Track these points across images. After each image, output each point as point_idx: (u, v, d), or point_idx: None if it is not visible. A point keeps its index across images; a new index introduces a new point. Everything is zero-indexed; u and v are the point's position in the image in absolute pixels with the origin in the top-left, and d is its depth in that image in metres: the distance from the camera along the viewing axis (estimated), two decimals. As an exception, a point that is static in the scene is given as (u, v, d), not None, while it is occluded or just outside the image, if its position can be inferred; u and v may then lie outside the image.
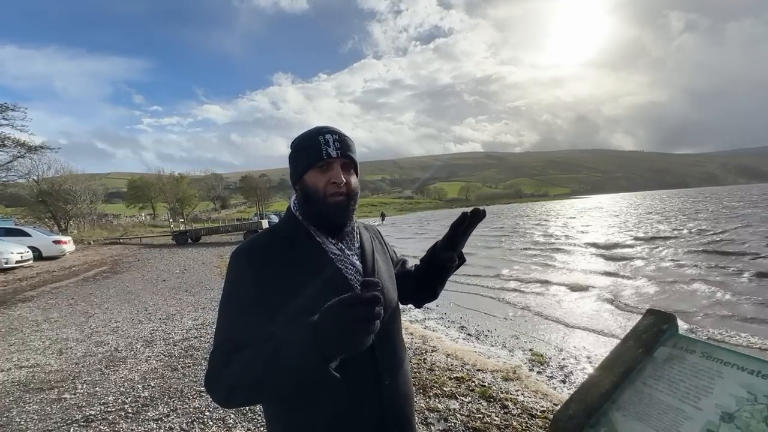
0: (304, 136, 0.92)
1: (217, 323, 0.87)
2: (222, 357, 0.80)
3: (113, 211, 63.17)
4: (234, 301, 0.85)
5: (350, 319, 0.64)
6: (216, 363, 0.80)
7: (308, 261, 0.88)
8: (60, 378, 4.16)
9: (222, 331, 0.84)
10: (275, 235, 0.91)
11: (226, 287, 0.88)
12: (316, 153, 0.88)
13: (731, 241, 12.54)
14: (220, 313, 0.87)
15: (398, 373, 0.93)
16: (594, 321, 5.86)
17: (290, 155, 0.94)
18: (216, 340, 0.84)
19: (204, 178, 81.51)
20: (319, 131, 0.90)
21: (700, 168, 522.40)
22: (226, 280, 0.88)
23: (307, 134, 0.92)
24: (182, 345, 5.03)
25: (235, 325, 0.83)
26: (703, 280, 7.80)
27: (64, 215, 30.88)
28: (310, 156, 0.88)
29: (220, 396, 0.78)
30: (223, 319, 0.85)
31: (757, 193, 60.53)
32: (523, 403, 3.08)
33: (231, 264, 0.89)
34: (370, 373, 0.87)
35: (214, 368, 0.80)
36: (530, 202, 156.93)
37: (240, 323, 0.82)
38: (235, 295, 0.85)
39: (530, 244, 16.44)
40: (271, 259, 0.86)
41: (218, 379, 0.78)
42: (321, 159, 0.88)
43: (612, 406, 0.84)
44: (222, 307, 0.87)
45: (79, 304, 8.16)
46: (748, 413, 0.66)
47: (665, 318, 0.93)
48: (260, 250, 0.88)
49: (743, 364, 0.74)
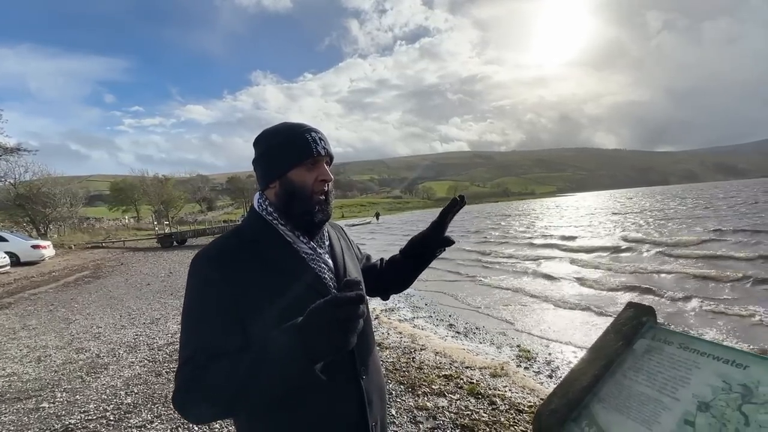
0: (283, 131, 0.89)
1: (183, 336, 0.80)
2: (195, 371, 0.73)
3: (95, 214, 61.62)
4: (202, 309, 0.79)
5: (337, 319, 0.64)
6: (187, 379, 0.73)
7: (280, 262, 0.85)
8: (38, 387, 4.03)
9: (190, 343, 0.78)
10: (242, 237, 0.86)
11: (191, 294, 0.81)
12: (306, 150, 0.85)
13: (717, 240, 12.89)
14: (186, 324, 0.80)
15: (372, 368, 0.94)
16: (579, 315, 5.95)
17: (266, 150, 0.89)
18: (183, 354, 0.77)
19: (189, 179, 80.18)
20: (302, 128, 0.88)
21: (681, 165, 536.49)
22: (190, 286, 0.82)
23: (288, 130, 0.88)
24: (167, 350, 4.92)
25: (204, 334, 0.77)
26: (683, 274, 8.01)
27: (43, 219, 29.96)
28: (299, 153, 0.85)
29: (196, 412, 0.73)
30: (191, 330, 0.79)
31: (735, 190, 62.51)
32: (511, 399, 3.10)
33: (195, 269, 0.82)
34: (350, 370, 0.86)
35: (185, 385, 0.73)
36: (517, 201, 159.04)
37: (211, 332, 0.77)
38: (203, 302, 0.79)
39: (518, 240, 16.64)
40: (240, 263, 0.82)
41: (192, 395, 0.72)
42: (311, 156, 0.86)
43: (593, 399, 0.85)
44: (187, 317, 0.81)
45: (59, 310, 7.92)
46: (724, 402, 0.67)
47: (645, 311, 0.94)
48: (228, 253, 0.83)
49: (719, 354, 0.75)
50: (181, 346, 0.79)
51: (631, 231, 16.32)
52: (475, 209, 67.74)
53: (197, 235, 26.66)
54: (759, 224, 14.35)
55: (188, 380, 0.73)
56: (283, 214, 0.88)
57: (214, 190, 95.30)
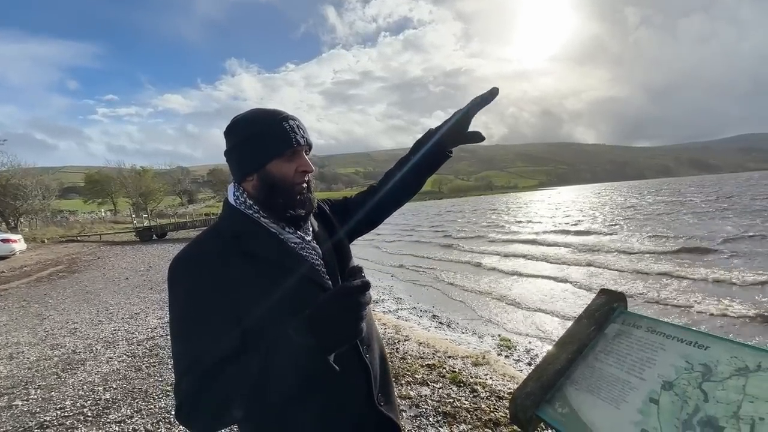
0: (259, 120, 0.82)
1: (177, 348, 0.75)
2: (201, 380, 0.69)
3: (69, 207, 59.46)
4: (196, 316, 0.74)
5: (347, 308, 0.65)
6: (192, 390, 0.69)
7: (271, 256, 0.81)
8: (10, 384, 3.90)
9: (188, 353, 0.73)
10: (223, 236, 0.81)
11: (179, 304, 0.76)
12: (286, 141, 0.81)
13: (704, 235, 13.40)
14: (179, 335, 0.75)
15: (375, 346, 0.93)
16: (556, 304, 6.13)
17: (242, 141, 0.83)
18: (181, 365, 0.72)
19: (169, 171, 78.00)
20: (279, 116, 0.83)
21: (656, 161, 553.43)
22: (176, 296, 0.76)
23: (265, 119, 0.82)
24: (147, 344, 4.83)
25: (203, 342, 0.72)
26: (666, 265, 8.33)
27: (13, 212, 28.74)
28: (278, 144, 0.80)
29: (204, 423, 0.70)
30: (186, 340, 0.74)
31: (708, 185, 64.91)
32: (492, 386, 3.18)
33: (178, 276, 0.77)
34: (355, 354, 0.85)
35: (191, 397, 0.69)
36: (501, 194, 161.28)
37: (210, 338, 0.73)
38: (196, 309, 0.74)
39: (503, 234, 16.93)
40: (228, 263, 0.77)
41: (202, 406, 0.68)
42: (291, 147, 0.81)
43: (566, 382, 0.88)
44: (180, 327, 0.75)
45: (31, 305, 7.65)
46: (686, 381, 0.71)
47: (616, 297, 0.98)
48: (212, 254, 0.78)
49: (683, 336, 0.79)
50: (176, 359, 0.74)
51: (604, 225, 16.80)
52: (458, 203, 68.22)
53: (178, 228, 26.09)
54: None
55: (194, 391, 0.69)
56: (264, 206, 0.83)
57: (195, 182, 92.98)
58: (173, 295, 0.77)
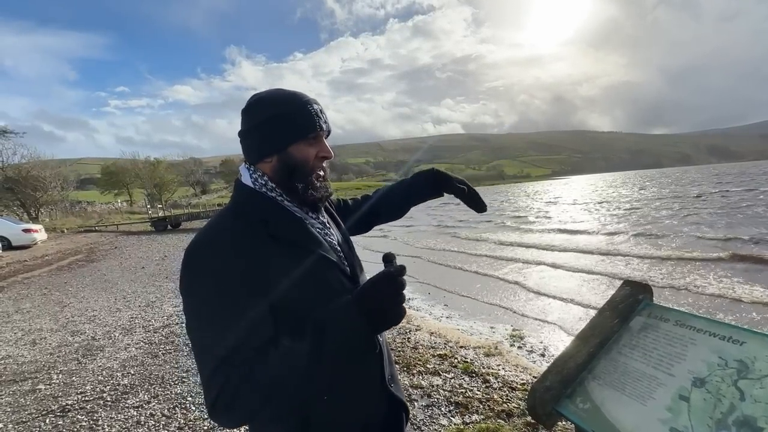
0: (283, 100, 0.81)
1: (207, 337, 0.69)
2: (240, 370, 0.65)
3: (87, 198, 60.88)
4: (226, 301, 0.69)
5: (392, 292, 0.68)
6: (230, 383, 0.64)
7: (300, 239, 0.80)
8: (34, 369, 4.04)
9: (222, 343, 0.67)
10: (247, 218, 0.77)
11: (207, 287, 0.70)
12: (310, 124, 0.80)
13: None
14: (210, 322, 0.69)
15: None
16: (573, 294, 6.04)
17: (264, 121, 0.80)
18: (213, 357, 0.67)
19: (182, 162, 79.01)
20: (303, 99, 0.82)
21: (674, 148, 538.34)
22: (200, 279, 0.71)
23: (289, 100, 0.81)
24: (163, 332, 4.94)
25: (239, 328, 0.68)
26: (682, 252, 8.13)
27: (33, 203, 29.54)
28: (302, 126, 0.80)
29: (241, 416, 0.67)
30: (217, 328, 0.68)
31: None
32: (504, 377, 3.16)
33: (203, 258, 0.72)
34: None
35: (230, 390, 0.64)
36: (513, 184, 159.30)
37: (246, 325, 0.68)
38: (227, 293, 0.69)
39: (514, 223, 16.74)
40: (257, 244, 0.74)
41: (239, 398, 0.64)
42: (315, 131, 0.81)
43: (588, 376, 0.85)
44: (208, 314, 0.70)
45: (53, 293, 7.89)
46: (719, 377, 0.67)
47: (641, 288, 0.93)
48: (239, 235, 0.74)
49: (715, 330, 0.74)
50: (204, 350, 0.69)
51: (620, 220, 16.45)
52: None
53: (191, 219, 26.50)
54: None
55: (233, 384, 0.64)
56: (286, 189, 0.82)
57: (207, 173, 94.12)
58: (197, 281, 0.71)
